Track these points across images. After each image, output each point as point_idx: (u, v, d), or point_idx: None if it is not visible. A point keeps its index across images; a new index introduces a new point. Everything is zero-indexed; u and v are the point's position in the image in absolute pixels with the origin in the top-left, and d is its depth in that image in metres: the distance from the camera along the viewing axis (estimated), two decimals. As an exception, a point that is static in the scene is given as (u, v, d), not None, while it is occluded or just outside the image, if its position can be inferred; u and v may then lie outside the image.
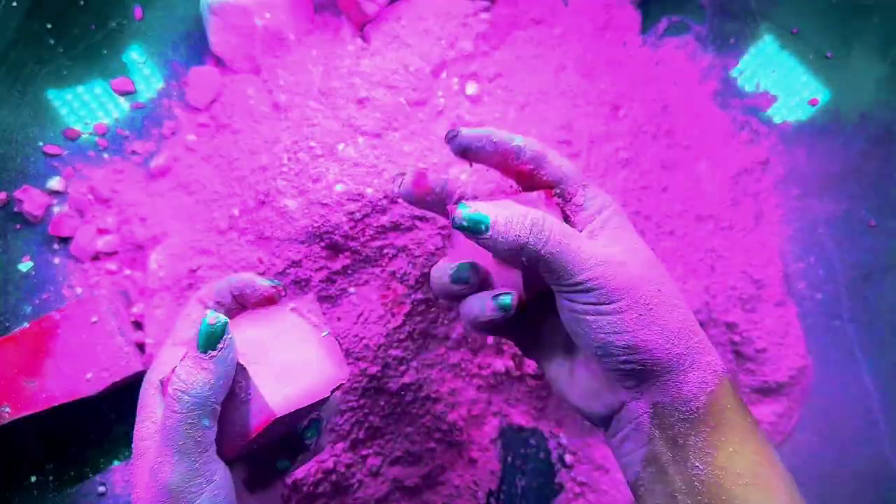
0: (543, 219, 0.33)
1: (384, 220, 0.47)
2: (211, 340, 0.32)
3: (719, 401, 0.33)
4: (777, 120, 0.56)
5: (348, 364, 0.47)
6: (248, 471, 0.38)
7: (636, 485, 0.35)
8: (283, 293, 0.37)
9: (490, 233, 0.33)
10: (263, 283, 0.37)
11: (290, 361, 0.35)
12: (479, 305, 0.37)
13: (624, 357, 0.33)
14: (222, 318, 0.32)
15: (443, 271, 0.38)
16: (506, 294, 0.36)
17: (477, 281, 0.37)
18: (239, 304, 0.37)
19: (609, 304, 0.32)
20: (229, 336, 0.32)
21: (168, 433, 0.31)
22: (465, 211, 0.33)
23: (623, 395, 0.35)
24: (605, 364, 0.34)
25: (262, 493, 0.38)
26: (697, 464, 0.33)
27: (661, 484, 0.34)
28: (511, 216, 0.33)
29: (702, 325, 0.50)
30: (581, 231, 0.35)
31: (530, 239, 0.32)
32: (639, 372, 0.33)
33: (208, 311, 0.32)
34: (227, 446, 0.34)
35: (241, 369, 0.33)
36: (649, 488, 0.34)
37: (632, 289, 0.33)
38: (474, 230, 0.33)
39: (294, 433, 0.38)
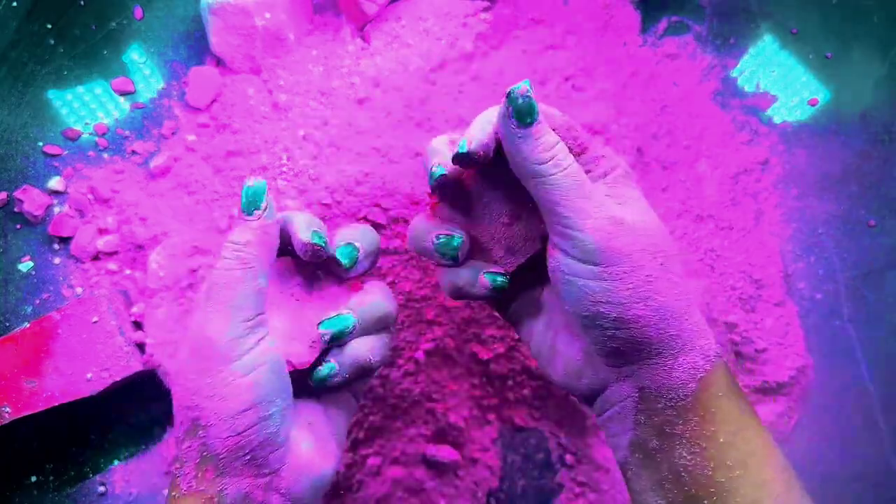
0: (568, 152, 0.32)
1: (384, 219, 0.47)
2: (252, 200, 0.33)
3: (711, 388, 0.31)
4: (777, 120, 0.56)
5: None
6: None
7: (624, 467, 0.34)
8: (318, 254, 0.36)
9: (532, 128, 0.31)
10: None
11: None
12: (468, 279, 0.36)
13: (612, 332, 0.31)
14: (261, 179, 0.33)
15: (426, 233, 0.36)
16: (500, 274, 0.35)
17: (464, 259, 0.36)
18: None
19: (606, 266, 0.30)
20: (270, 196, 0.34)
21: (221, 289, 0.32)
22: (527, 89, 0.31)
23: (605, 374, 0.33)
24: (590, 336, 0.32)
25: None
26: (685, 453, 0.31)
27: (648, 470, 0.32)
28: (548, 130, 0.32)
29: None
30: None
31: (555, 158, 0.31)
32: (626, 350, 0.31)
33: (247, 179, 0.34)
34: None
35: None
36: (636, 472, 0.33)
37: (633, 256, 0.31)
38: (525, 112, 0.31)
39: None
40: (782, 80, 0.57)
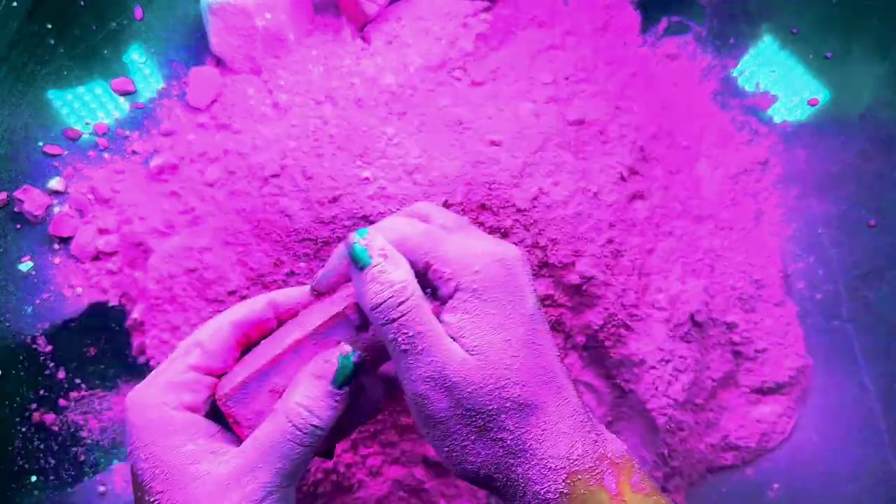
0: (413, 293, 0.30)
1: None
2: (348, 378, 0.32)
3: None
4: (777, 120, 0.56)
5: None
6: None
7: None
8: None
9: (366, 272, 0.31)
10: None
11: None
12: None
13: (461, 477, 0.33)
14: (359, 354, 0.32)
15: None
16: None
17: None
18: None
19: (425, 428, 0.32)
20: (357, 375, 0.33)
21: (275, 456, 0.31)
22: (361, 239, 0.31)
23: None
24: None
25: None
26: None
27: None
28: (393, 270, 0.31)
29: (701, 325, 0.50)
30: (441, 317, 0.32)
31: (384, 305, 0.30)
32: (484, 489, 0.33)
33: (349, 348, 0.32)
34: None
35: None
36: None
37: (448, 422, 0.31)
38: (358, 258, 0.31)
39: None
40: (782, 80, 0.57)
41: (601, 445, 0.32)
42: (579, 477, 0.31)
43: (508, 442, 0.31)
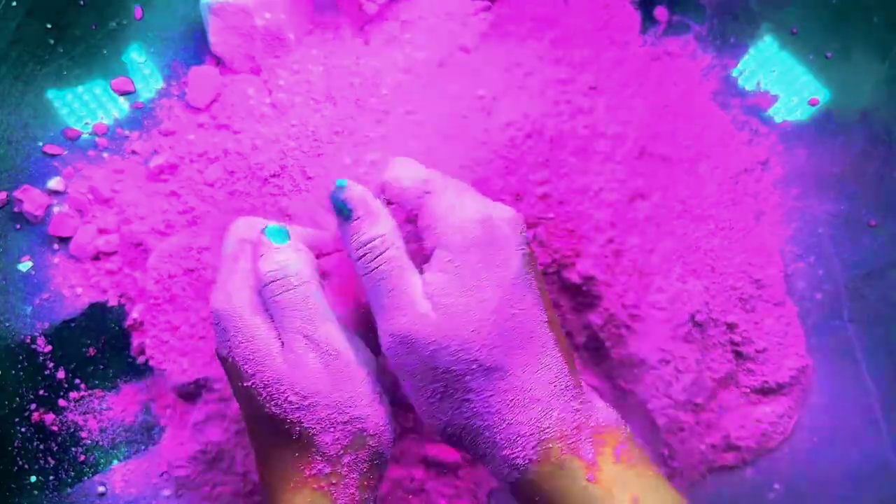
0: (389, 247, 0.32)
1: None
2: (280, 233, 0.34)
3: (526, 492, 0.32)
4: (777, 120, 0.56)
5: None
6: None
7: None
8: None
9: (350, 223, 0.33)
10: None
11: None
12: None
13: (433, 433, 0.34)
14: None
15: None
16: None
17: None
18: None
19: (400, 379, 0.33)
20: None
21: (315, 312, 0.32)
22: (342, 189, 0.33)
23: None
24: None
25: None
26: None
27: None
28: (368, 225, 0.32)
29: (701, 325, 0.50)
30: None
31: (365, 258, 0.32)
32: (457, 448, 0.34)
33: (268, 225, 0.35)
34: None
35: None
36: None
37: (416, 376, 0.32)
38: (340, 209, 0.33)
39: None
40: (782, 80, 0.57)
41: (584, 414, 0.31)
42: (551, 444, 0.31)
43: (475, 404, 0.31)
